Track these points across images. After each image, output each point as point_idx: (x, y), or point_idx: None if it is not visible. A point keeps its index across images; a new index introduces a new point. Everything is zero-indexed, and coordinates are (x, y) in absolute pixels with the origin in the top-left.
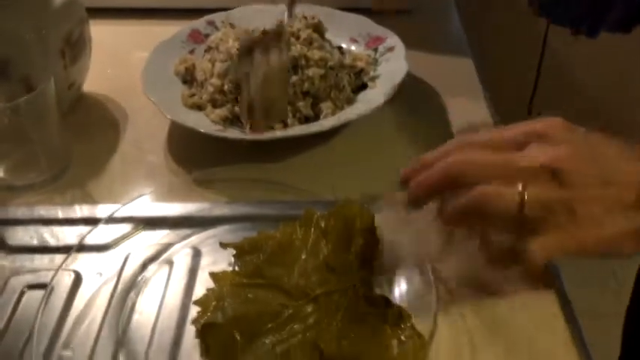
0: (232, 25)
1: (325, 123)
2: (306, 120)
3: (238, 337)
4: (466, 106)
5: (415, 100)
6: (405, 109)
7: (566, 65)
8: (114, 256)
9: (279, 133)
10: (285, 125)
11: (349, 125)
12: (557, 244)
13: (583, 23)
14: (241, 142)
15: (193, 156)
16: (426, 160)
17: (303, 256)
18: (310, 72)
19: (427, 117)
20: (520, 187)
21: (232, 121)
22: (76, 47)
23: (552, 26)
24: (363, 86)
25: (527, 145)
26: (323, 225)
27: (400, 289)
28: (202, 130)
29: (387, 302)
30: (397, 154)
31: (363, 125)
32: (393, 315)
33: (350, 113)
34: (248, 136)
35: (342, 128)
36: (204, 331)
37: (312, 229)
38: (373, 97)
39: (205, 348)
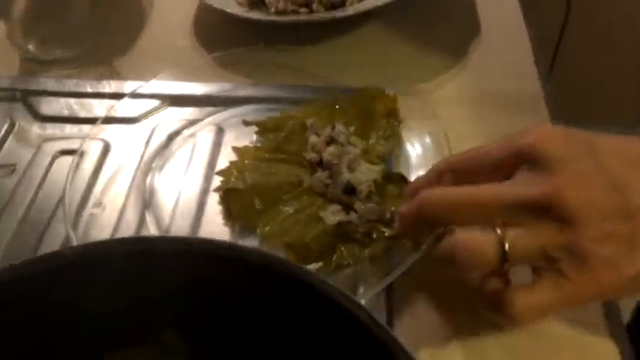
0: None
1: (350, 9)
2: (332, 7)
3: (257, 203)
4: (496, 2)
5: None
6: (433, 4)
7: None
8: (141, 129)
9: (303, 17)
10: (311, 10)
11: (376, 17)
12: (554, 299)
13: None
14: (266, 25)
15: (218, 38)
16: (414, 186)
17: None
18: None
19: (455, 12)
20: (499, 233)
21: (257, 4)
22: None
23: None
24: None
25: (515, 168)
26: (345, 108)
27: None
28: (228, 11)
29: (402, 178)
30: (422, 47)
31: (390, 18)
32: None
33: (375, 1)
34: (272, 17)
35: (369, 19)
36: (226, 196)
37: (336, 113)
38: None
39: (227, 212)
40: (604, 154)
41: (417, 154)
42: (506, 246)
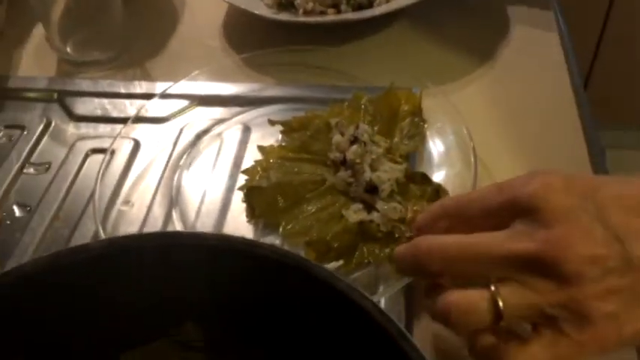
0: None
1: (377, 10)
2: (360, 8)
3: (281, 201)
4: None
5: None
6: (460, 3)
7: None
8: (170, 128)
9: (331, 18)
10: (339, 11)
11: (403, 17)
12: (551, 358)
13: None
14: (294, 27)
15: (247, 40)
16: (414, 225)
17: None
18: None
19: (484, 11)
20: (493, 290)
21: (286, 6)
22: None
23: None
24: None
25: (512, 217)
26: (370, 108)
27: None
28: (257, 12)
29: (424, 177)
30: (449, 47)
31: (417, 18)
32: (431, 191)
33: (402, 1)
34: (300, 18)
35: (396, 19)
36: (250, 194)
37: (361, 113)
38: None
39: (250, 210)
40: (605, 202)
41: (440, 153)
42: (500, 303)
